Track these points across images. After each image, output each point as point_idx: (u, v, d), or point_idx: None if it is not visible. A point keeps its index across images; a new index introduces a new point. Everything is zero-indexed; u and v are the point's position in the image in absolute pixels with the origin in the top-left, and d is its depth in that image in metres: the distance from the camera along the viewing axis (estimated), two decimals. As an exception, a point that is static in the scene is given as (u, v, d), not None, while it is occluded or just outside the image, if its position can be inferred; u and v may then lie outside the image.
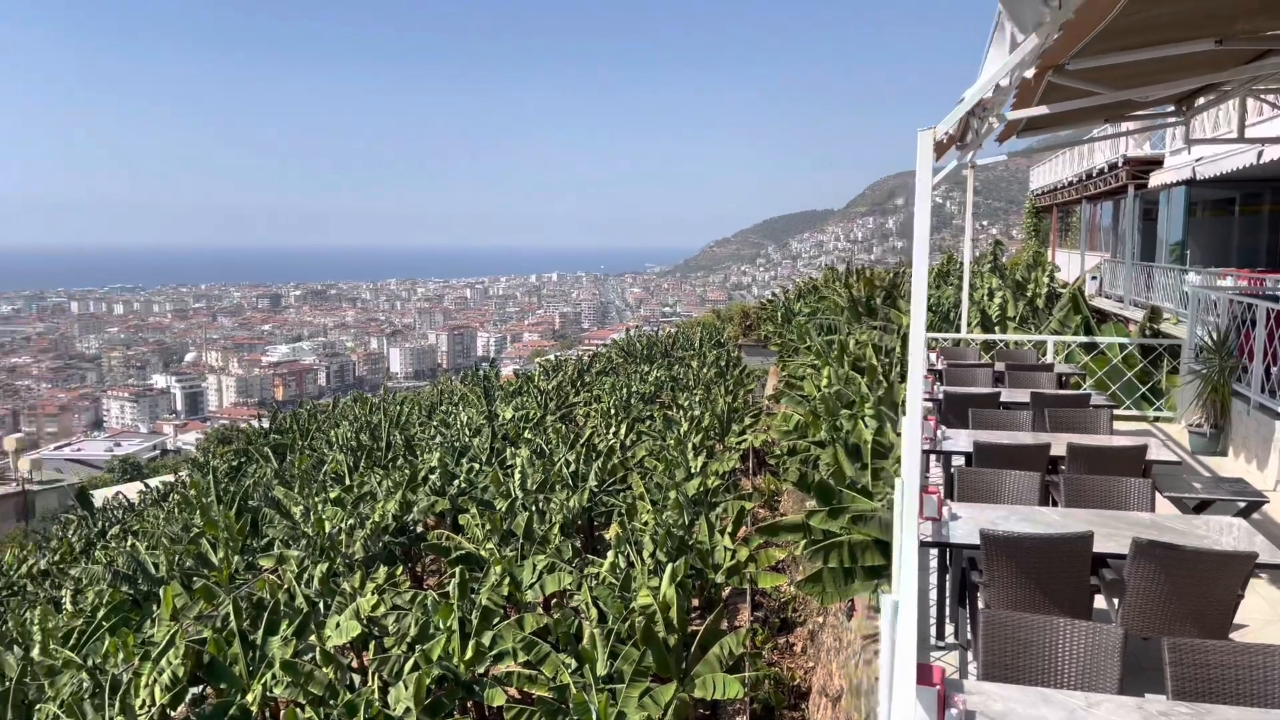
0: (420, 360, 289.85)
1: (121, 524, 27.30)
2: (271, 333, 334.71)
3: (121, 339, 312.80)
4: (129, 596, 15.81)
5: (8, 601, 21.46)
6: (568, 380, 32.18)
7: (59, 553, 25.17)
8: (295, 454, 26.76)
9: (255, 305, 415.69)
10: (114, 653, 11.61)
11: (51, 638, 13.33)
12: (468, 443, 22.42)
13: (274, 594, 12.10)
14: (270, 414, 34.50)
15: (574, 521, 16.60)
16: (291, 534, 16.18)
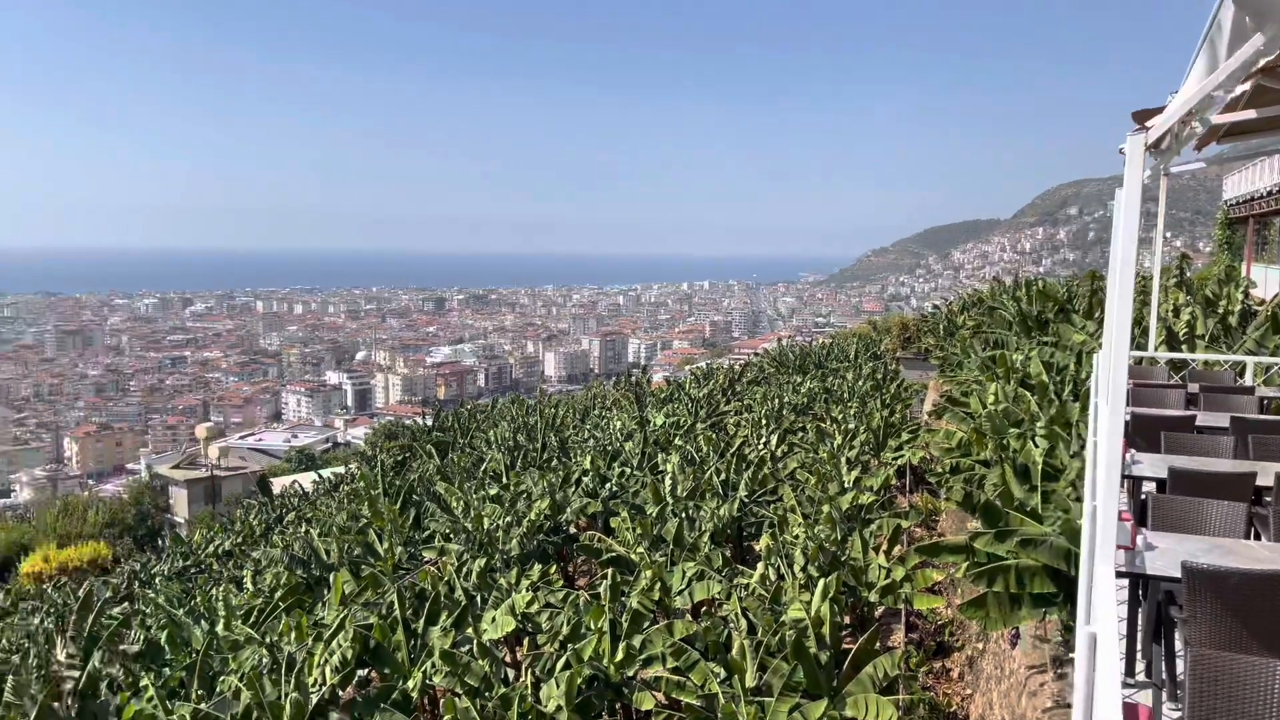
0: (573, 365, 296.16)
1: (297, 511, 29.02)
2: (435, 335, 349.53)
3: (300, 337, 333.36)
4: (303, 580, 16.75)
5: (196, 578, 23.18)
6: (718, 388, 32.11)
7: (241, 535, 26.98)
8: (456, 451, 27.75)
9: (421, 308, 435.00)
10: (289, 632, 12.31)
11: (234, 615, 14.27)
12: (619, 447, 22.68)
13: (435, 585, 12.55)
14: (433, 412, 35.92)
15: (723, 530, 16.52)
16: (452, 528, 16.77)
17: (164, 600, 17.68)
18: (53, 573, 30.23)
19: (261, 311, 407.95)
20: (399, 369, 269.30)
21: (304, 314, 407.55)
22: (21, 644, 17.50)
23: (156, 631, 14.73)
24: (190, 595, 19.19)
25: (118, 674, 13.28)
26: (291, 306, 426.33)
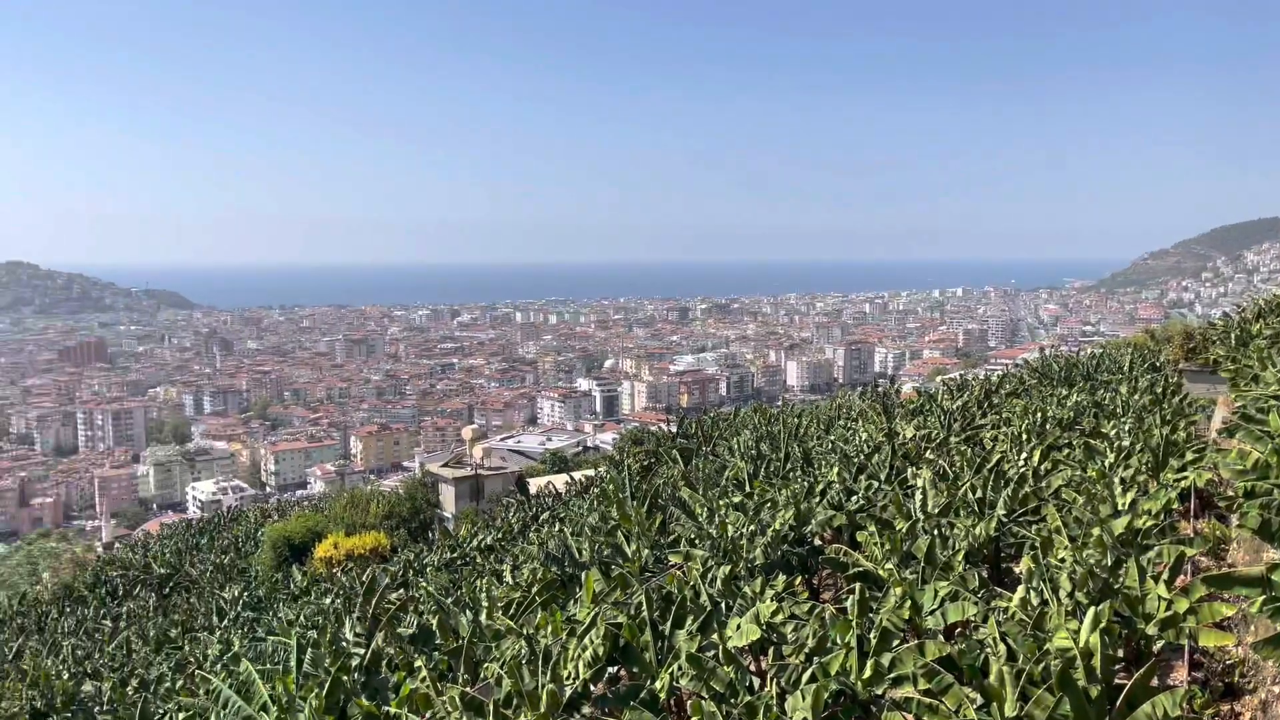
0: (816, 374, 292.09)
1: (551, 510, 30.50)
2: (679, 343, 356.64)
3: (554, 346, 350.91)
4: (557, 577, 17.57)
5: (462, 570, 24.89)
6: (974, 401, 30.56)
7: (501, 531, 28.70)
8: (700, 458, 28.12)
9: (665, 317, 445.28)
10: (545, 626, 12.95)
11: (495, 606, 15.21)
12: (866, 459, 22.12)
13: (680, 589, 12.77)
14: (677, 419, 36.62)
15: (979, 550, 15.70)
16: (697, 534, 17.01)
17: (434, 589, 19.11)
18: (341, 558, 33.49)
19: (520, 322, 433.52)
20: (644, 376, 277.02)
21: (558, 324, 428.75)
22: (317, 620, 19.50)
23: (428, 618, 15.93)
24: (457, 586, 20.61)
25: (395, 654, 14.51)
26: (546, 317, 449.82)
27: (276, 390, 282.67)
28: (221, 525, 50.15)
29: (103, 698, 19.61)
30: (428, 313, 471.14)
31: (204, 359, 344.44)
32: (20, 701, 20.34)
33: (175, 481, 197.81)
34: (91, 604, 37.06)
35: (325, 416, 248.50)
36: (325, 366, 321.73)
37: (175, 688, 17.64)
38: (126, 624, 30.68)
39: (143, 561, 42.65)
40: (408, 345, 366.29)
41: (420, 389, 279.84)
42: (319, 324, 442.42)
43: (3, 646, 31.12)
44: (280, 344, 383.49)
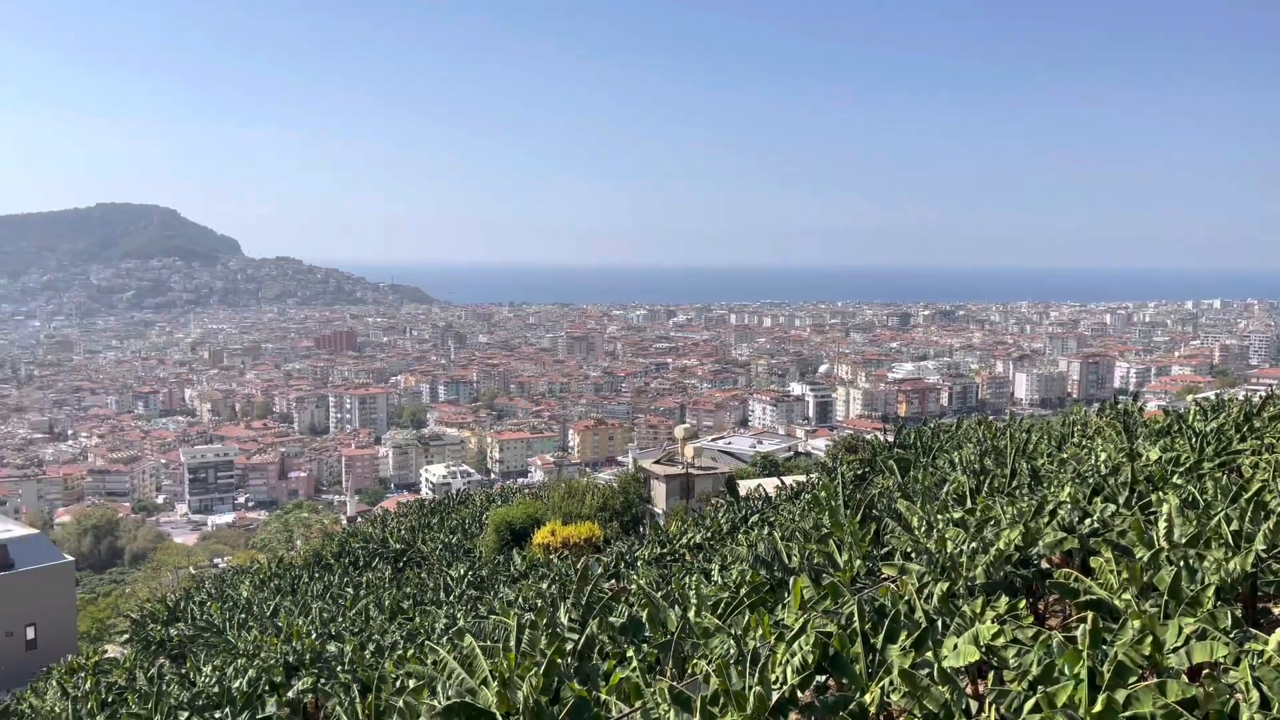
0: (1048, 388, 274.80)
1: (760, 514, 30.41)
2: (898, 350, 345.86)
3: (767, 349, 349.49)
4: (766, 580, 17.51)
5: (671, 566, 25.31)
6: (1231, 423, 27.75)
7: (710, 531, 28.92)
8: (917, 470, 27.16)
9: (885, 323, 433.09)
10: (753, 628, 12.96)
11: (704, 604, 15.36)
12: (1102, 481, 20.61)
13: (894, 603, 12.41)
14: (894, 428, 35.53)
15: (1233, 587, 14.25)
16: (913, 547, 16.46)
17: (644, 582, 19.54)
18: (557, 545, 34.87)
19: (734, 324, 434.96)
20: (860, 383, 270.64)
21: (772, 326, 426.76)
22: (535, 603, 20.43)
23: (638, 610, 16.32)
24: (666, 581, 20.96)
25: (606, 642, 14.96)
26: (761, 319, 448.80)
27: (503, 382, 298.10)
28: (450, 507, 53.40)
29: (344, 658, 21.39)
30: (645, 313, 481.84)
31: (440, 351, 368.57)
32: (276, 655, 22.53)
33: (411, 463, 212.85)
34: (336, 571, 40.51)
35: (546, 409, 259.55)
36: (548, 362, 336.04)
37: (406, 655, 18.99)
38: (365, 593, 33.29)
39: (381, 536, 46.14)
40: (625, 344, 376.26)
41: (635, 386, 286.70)
42: (544, 321, 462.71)
43: (263, 604, 34.62)
44: (508, 339, 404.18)
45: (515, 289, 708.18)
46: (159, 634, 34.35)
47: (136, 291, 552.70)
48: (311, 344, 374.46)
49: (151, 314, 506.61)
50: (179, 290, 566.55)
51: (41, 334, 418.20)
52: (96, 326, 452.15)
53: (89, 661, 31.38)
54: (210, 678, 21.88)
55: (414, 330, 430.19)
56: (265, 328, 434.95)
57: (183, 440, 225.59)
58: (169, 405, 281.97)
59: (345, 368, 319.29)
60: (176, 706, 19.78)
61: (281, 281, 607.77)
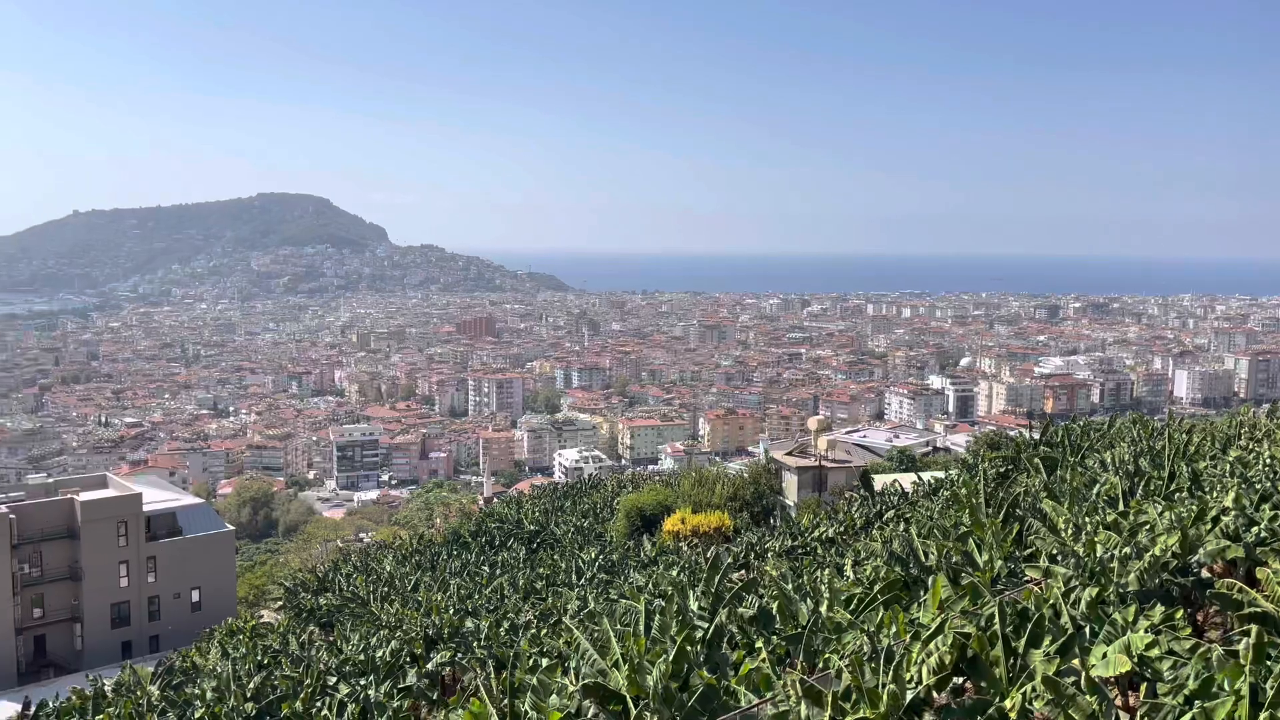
0: (1212, 386, 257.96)
1: (896, 509, 29.70)
2: (1046, 344, 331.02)
3: (905, 340, 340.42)
4: (901, 577, 17.09)
5: (802, 559, 25.02)
6: None
7: (844, 525, 28.43)
8: (1065, 469, 25.95)
9: (1032, 315, 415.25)
10: (888, 625, 12.67)
11: (836, 599, 15.11)
12: (1272, 487, 19.20)
13: (1038, 606, 11.91)
14: (1040, 425, 34.03)
15: None
16: (1059, 549, 15.75)
17: (775, 574, 19.39)
18: (687, 533, 35.01)
19: (871, 314, 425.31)
20: (1004, 378, 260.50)
21: (911, 318, 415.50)
22: (664, 590, 20.56)
23: (768, 601, 16.21)
24: (797, 574, 20.73)
25: (736, 632, 14.92)
26: (900, 310, 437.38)
27: (635, 370, 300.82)
28: (583, 491, 54.34)
29: (480, 634, 22.08)
30: (778, 302, 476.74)
31: (574, 337, 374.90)
32: (417, 628, 23.46)
33: (545, 447, 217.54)
34: (473, 550, 41.84)
35: (677, 397, 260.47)
36: (680, 350, 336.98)
37: (540, 634, 19.45)
38: (501, 572, 34.25)
39: (516, 517, 47.38)
40: (757, 333, 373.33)
41: (767, 376, 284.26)
42: (676, 309, 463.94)
43: (404, 578, 36.09)
44: (641, 327, 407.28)
45: (648, 277, 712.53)
46: (309, 602, 36.29)
47: (292, 277, 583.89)
48: (452, 329, 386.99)
49: (305, 298, 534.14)
50: (330, 276, 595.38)
51: (207, 316, 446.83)
52: (255, 310, 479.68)
53: (247, 625, 33.47)
54: (356, 646, 22.96)
55: (549, 317, 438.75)
56: (410, 313, 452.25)
57: (332, 419, 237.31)
58: (320, 386, 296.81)
59: (484, 352, 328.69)
60: (325, 671, 20.85)
61: (425, 268, 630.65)
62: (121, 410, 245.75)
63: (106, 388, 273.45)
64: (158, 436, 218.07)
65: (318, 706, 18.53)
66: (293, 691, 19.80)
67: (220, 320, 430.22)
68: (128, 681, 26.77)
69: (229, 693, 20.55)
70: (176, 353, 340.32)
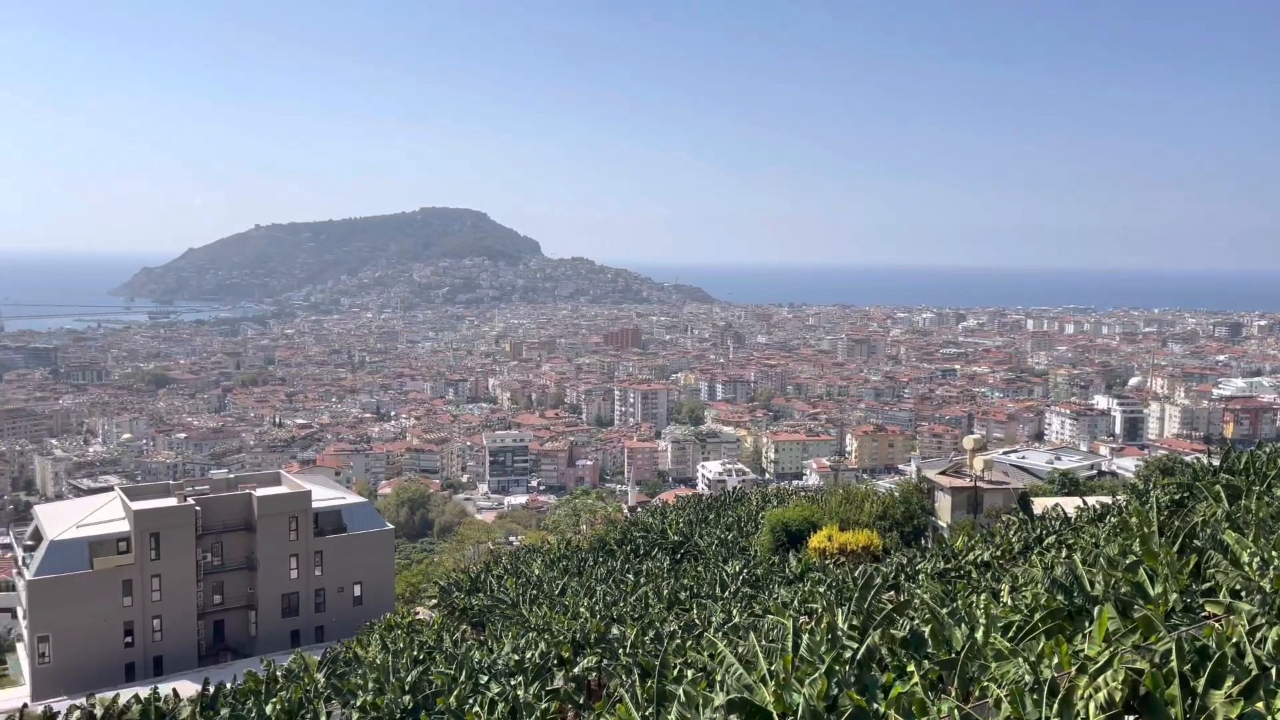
0: None
1: (1057, 535, 28.30)
2: (1226, 364, 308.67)
3: (1068, 358, 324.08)
4: (1063, 606, 16.29)
5: (955, 582, 24.18)
6: None
7: (1000, 549, 27.31)
8: (1249, 499, 24.14)
9: (1211, 334, 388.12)
10: (1049, 656, 12.10)
11: (994, 625, 14.53)
12: None
13: (1219, 644, 11.12)
14: (1221, 450, 31.74)
15: None
16: (1243, 584, 14.64)
17: (928, 596, 18.81)
18: (834, 551, 34.38)
19: (1031, 330, 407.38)
20: (1178, 399, 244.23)
21: (1074, 334, 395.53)
22: (810, 607, 20.28)
23: (920, 624, 15.75)
24: (951, 597, 20.05)
25: (886, 655, 14.56)
26: (1062, 326, 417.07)
27: (780, 383, 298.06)
28: (726, 504, 54.19)
29: (625, 642, 22.34)
30: (931, 316, 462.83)
31: (719, 350, 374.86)
32: (565, 633, 23.96)
33: (689, 458, 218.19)
34: (619, 558, 42.35)
35: (824, 412, 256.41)
36: (827, 364, 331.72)
37: (685, 645, 19.52)
38: (645, 580, 34.55)
39: (660, 527, 47.70)
40: (909, 348, 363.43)
41: (918, 393, 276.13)
42: (823, 322, 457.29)
43: (552, 582, 36.90)
44: (787, 340, 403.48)
45: (795, 290, 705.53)
46: (463, 601, 37.58)
47: (450, 288, 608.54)
48: (600, 340, 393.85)
49: (462, 308, 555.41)
50: (486, 287, 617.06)
51: (372, 324, 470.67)
52: (416, 319, 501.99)
53: (404, 621, 34.95)
54: (507, 647, 23.63)
55: (695, 329, 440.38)
56: (560, 323, 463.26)
57: (485, 425, 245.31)
58: (475, 393, 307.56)
59: (630, 363, 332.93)
60: (478, 670, 21.56)
61: (575, 280, 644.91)
62: (293, 412, 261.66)
63: (281, 390, 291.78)
64: (325, 437, 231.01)
65: (470, 703, 19.15)
66: (447, 687, 20.55)
67: (384, 328, 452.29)
68: (297, 668, 28.39)
69: (388, 685, 21.50)
70: (344, 359, 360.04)
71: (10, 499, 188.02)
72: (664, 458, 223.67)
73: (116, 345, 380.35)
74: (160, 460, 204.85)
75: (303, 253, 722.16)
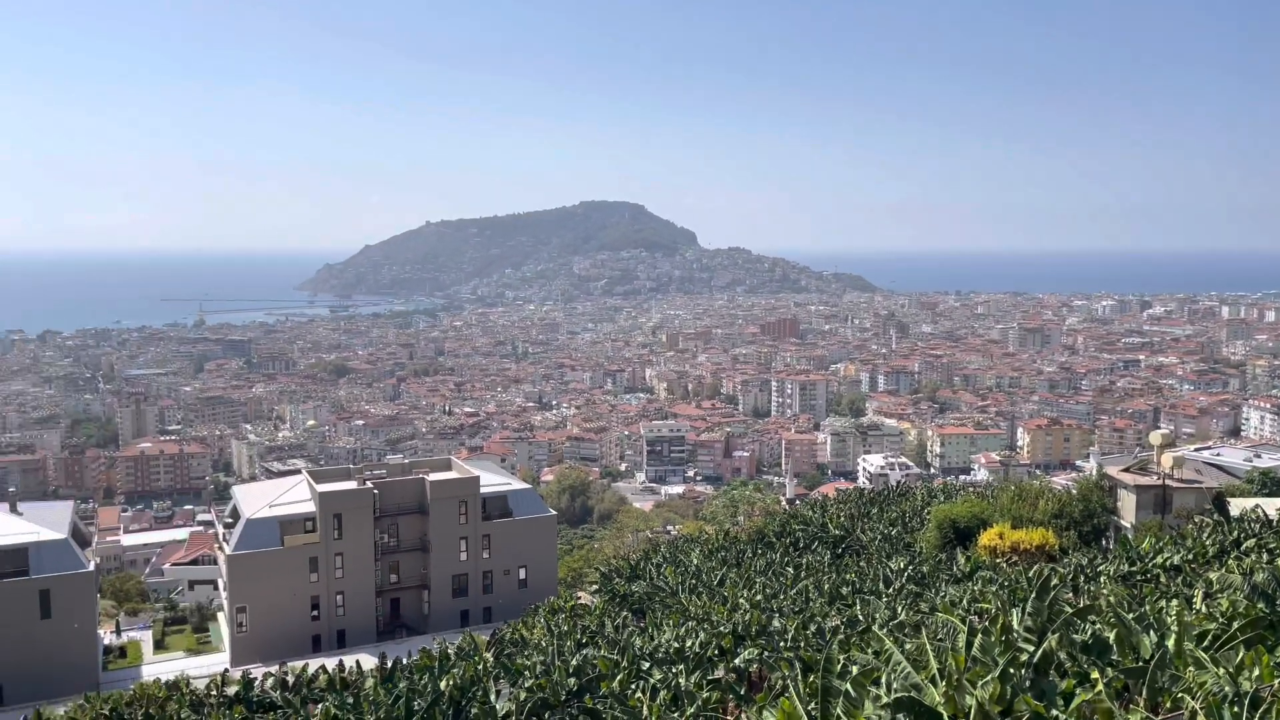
0: None
1: (1258, 538, 26.21)
2: None
3: (1269, 348, 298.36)
4: (1264, 615, 15.05)
5: (1141, 586, 22.74)
6: None
7: (1192, 552, 25.51)
8: None
9: None
10: (1249, 667, 11.22)
11: (1187, 633, 13.58)
12: None
13: None
14: None
15: None
16: None
17: (1112, 600, 17.78)
18: (1005, 549, 32.96)
19: (1226, 318, 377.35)
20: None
21: (1276, 322, 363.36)
22: (980, 607, 19.53)
23: (1104, 629, 14.89)
24: (1138, 602, 18.89)
25: (1065, 660, 13.84)
26: (1262, 314, 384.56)
27: (946, 374, 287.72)
28: (890, 498, 52.87)
29: (786, 635, 22.16)
30: (1112, 303, 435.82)
31: (881, 339, 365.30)
32: (725, 623, 23.99)
33: (848, 451, 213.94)
34: (778, 550, 42.04)
35: (993, 404, 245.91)
36: (997, 354, 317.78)
37: (849, 641, 19.18)
38: (805, 574, 34.16)
39: (820, 520, 47.01)
40: (1087, 337, 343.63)
41: (1097, 385, 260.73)
42: (993, 311, 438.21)
43: (711, 573, 37.02)
44: (953, 329, 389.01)
45: (962, 277, 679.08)
46: (623, 588, 38.22)
47: (608, 280, 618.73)
48: (757, 330, 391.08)
49: (620, 300, 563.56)
50: (643, 279, 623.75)
51: (534, 316, 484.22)
52: (576, 311, 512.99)
53: (567, 605, 35.88)
54: (668, 635, 23.87)
55: (855, 318, 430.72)
56: (716, 314, 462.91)
57: (642, 415, 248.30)
58: (632, 383, 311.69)
59: (787, 354, 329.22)
60: (639, 656, 21.88)
61: (732, 270, 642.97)
62: (462, 401, 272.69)
63: (450, 380, 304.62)
64: (491, 425, 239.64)
65: (632, 689, 19.47)
66: (610, 672, 20.97)
67: (545, 320, 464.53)
68: (467, 647, 29.63)
69: (553, 667, 22.14)
70: (508, 350, 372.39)
71: (211, 479, 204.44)
72: (823, 450, 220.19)
73: (302, 337, 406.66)
74: (341, 445, 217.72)
75: (470, 247, 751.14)
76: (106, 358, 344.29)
